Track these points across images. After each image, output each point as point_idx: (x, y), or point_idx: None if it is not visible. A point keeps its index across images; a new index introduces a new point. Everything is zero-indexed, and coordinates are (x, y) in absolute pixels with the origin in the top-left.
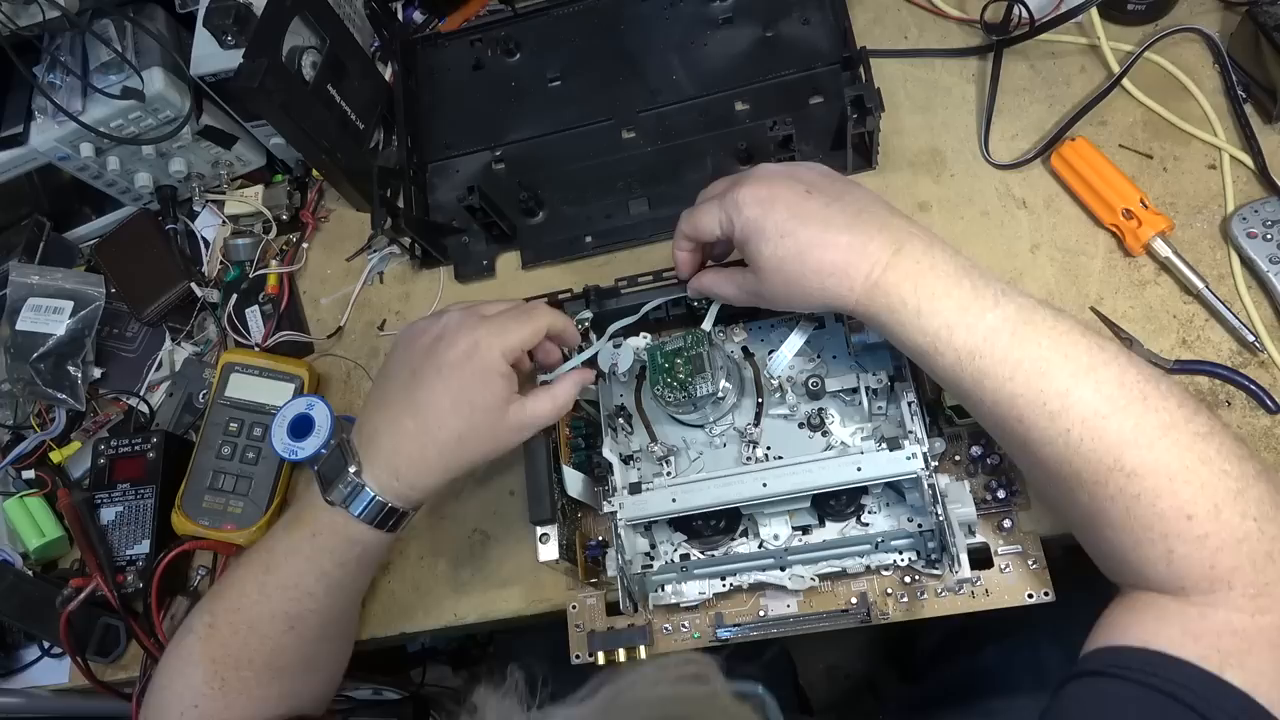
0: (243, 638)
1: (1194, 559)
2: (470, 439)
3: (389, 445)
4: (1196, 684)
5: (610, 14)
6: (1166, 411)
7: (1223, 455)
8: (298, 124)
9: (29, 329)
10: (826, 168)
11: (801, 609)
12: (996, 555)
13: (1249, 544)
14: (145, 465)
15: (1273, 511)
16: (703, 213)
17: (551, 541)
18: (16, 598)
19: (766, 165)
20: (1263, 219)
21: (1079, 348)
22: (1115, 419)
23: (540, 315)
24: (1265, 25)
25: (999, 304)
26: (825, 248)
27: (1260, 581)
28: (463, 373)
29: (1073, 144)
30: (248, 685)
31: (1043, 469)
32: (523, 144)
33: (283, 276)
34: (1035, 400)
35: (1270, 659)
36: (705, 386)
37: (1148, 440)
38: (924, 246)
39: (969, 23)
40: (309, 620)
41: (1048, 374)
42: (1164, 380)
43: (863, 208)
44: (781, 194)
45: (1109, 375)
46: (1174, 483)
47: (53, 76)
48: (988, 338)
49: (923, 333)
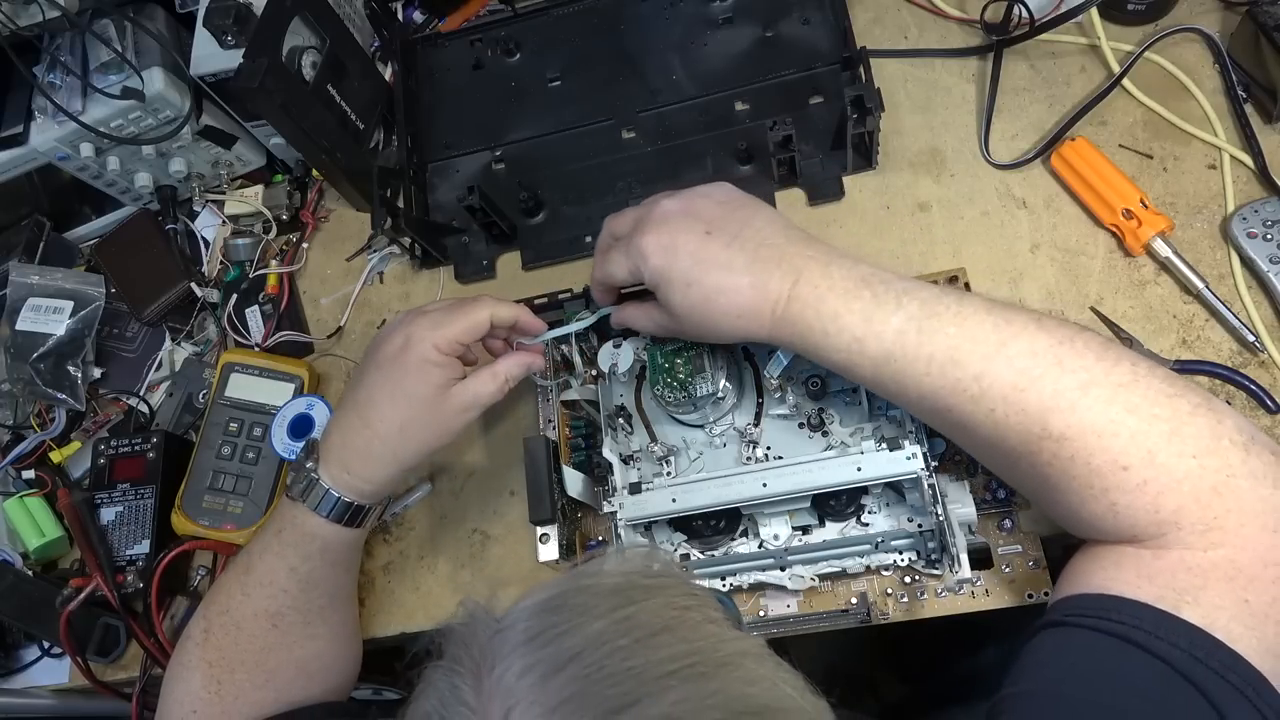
0: (233, 638)
1: (1137, 506)
2: (412, 428)
3: (338, 441)
4: (1148, 623)
5: (610, 14)
6: (1084, 370)
7: (1150, 399)
8: (298, 124)
9: (29, 329)
10: (726, 189)
11: (801, 609)
12: (996, 555)
13: (1190, 481)
14: (145, 465)
15: (1213, 444)
16: (611, 262)
17: (551, 541)
18: (16, 598)
19: (665, 204)
20: (1263, 219)
21: (985, 328)
22: (1033, 390)
23: (478, 309)
24: (1265, 25)
25: (901, 305)
26: (730, 293)
27: (1208, 516)
28: (396, 366)
29: (1073, 144)
30: (242, 689)
31: (982, 450)
32: (523, 144)
33: (283, 276)
34: (955, 389)
35: (1226, 592)
36: (705, 386)
37: (1068, 403)
38: (821, 269)
39: (969, 23)
40: (289, 618)
41: (960, 361)
42: (1080, 337)
43: (762, 240)
44: (682, 240)
45: (1020, 348)
46: (1102, 438)
47: (53, 76)
48: (896, 341)
49: (835, 350)
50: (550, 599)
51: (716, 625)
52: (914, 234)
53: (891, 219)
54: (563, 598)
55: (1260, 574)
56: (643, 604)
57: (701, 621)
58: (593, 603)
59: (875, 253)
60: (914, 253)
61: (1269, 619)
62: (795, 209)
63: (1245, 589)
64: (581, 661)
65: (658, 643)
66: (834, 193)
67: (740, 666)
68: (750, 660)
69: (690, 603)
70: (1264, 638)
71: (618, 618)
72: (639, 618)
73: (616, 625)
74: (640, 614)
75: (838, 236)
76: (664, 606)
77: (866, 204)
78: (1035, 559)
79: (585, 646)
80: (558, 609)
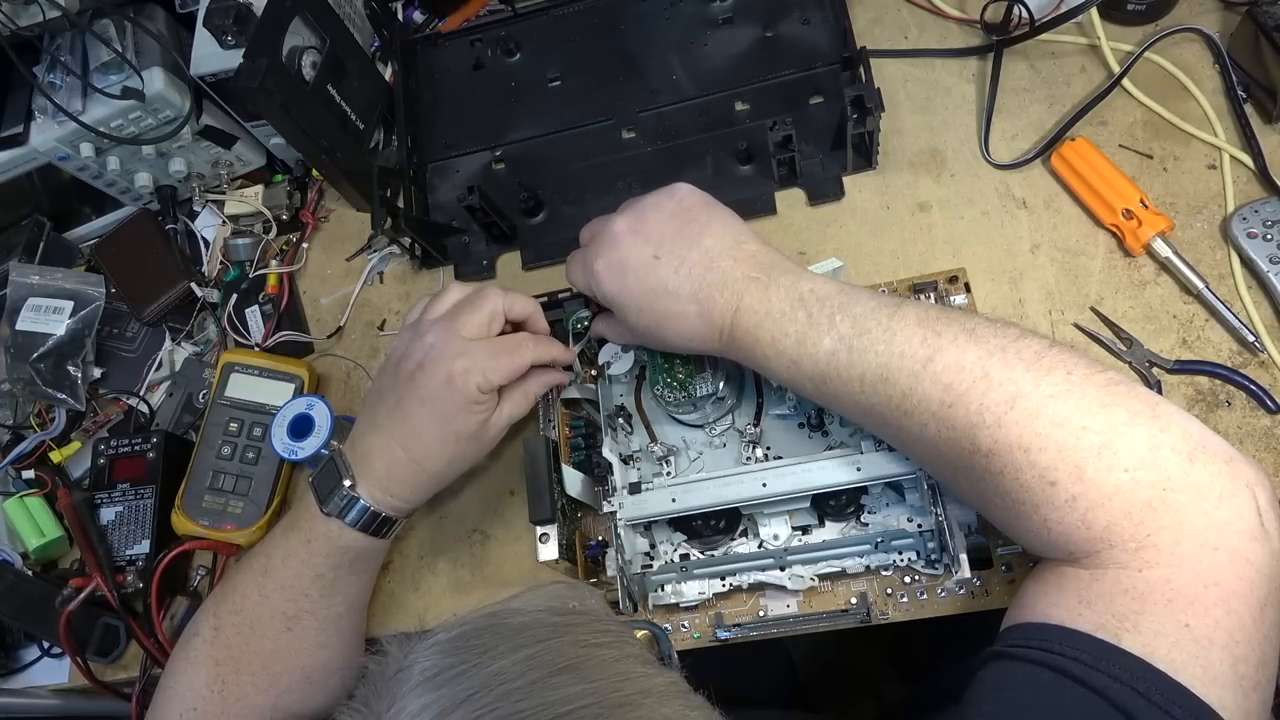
0: (245, 638)
1: (1068, 523)
2: (459, 459)
3: (382, 469)
4: (1087, 655)
5: (610, 14)
6: (1012, 383)
7: (1081, 410)
8: (298, 124)
9: (29, 329)
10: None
11: (801, 609)
12: (996, 555)
13: (1121, 497)
14: (145, 465)
15: (1149, 455)
16: (572, 272)
17: (551, 541)
18: (16, 598)
19: (616, 224)
20: (1263, 219)
21: (914, 343)
22: (959, 406)
23: (521, 353)
24: (1265, 25)
25: (834, 326)
26: (679, 319)
27: (1141, 534)
28: (444, 405)
29: (1073, 144)
30: (245, 691)
31: (924, 463)
32: (523, 144)
33: (283, 276)
34: (888, 406)
35: (1165, 616)
36: (705, 386)
37: (994, 418)
38: (760, 292)
39: (969, 23)
40: (305, 622)
41: (890, 379)
42: (1013, 345)
43: (710, 262)
44: (631, 264)
45: (946, 362)
46: (1029, 453)
47: (53, 76)
48: (829, 362)
49: (777, 372)
50: (455, 638)
51: (627, 663)
52: (914, 234)
53: (891, 219)
54: (466, 637)
55: (1200, 595)
56: (547, 643)
57: (611, 659)
58: (494, 642)
59: (875, 252)
60: (914, 253)
61: (1213, 645)
62: (795, 209)
63: (1185, 612)
64: (473, 704)
65: (554, 683)
66: (834, 193)
67: (640, 706)
68: (653, 699)
69: (602, 640)
70: (1208, 665)
71: (519, 658)
72: (541, 657)
73: (516, 665)
74: (543, 653)
75: (838, 236)
76: (570, 645)
77: (866, 204)
78: (1035, 559)
79: (480, 688)
80: (458, 649)
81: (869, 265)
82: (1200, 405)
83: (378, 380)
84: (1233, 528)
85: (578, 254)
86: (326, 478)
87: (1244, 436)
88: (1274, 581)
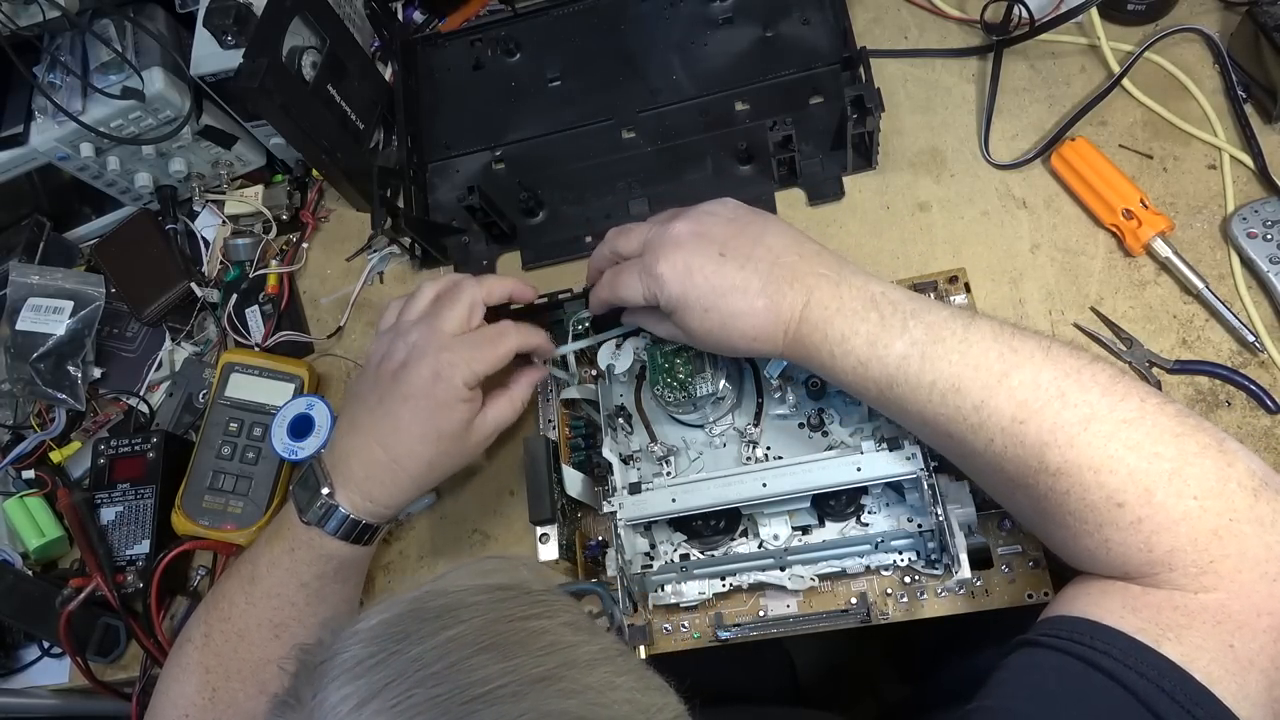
0: (233, 646)
1: (1130, 544)
2: (440, 461)
3: (361, 473)
4: (1119, 651)
5: (610, 14)
6: (1087, 405)
7: (1153, 438)
8: (298, 124)
9: (29, 329)
10: (731, 205)
11: (801, 609)
12: (996, 555)
13: (1188, 523)
14: (145, 465)
15: (1218, 486)
16: (624, 286)
17: (551, 541)
18: (16, 598)
19: (676, 226)
20: (1263, 219)
21: (990, 356)
22: (1032, 423)
23: (504, 341)
24: (1265, 25)
25: (907, 330)
26: (746, 316)
27: (1204, 560)
28: (427, 403)
29: (1073, 144)
30: (235, 699)
31: (981, 477)
32: (523, 144)
33: (283, 276)
34: (955, 417)
35: (1211, 634)
36: (705, 386)
37: (1067, 438)
38: (831, 289)
39: (969, 23)
40: (293, 629)
41: (962, 390)
42: (1088, 369)
43: (775, 258)
44: (697, 263)
45: (1022, 378)
46: (1099, 475)
47: (53, 76)
48: (900, 366)
49: (842, 372)
50: (375, 625)
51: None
52: (914, 234)
53: (891, 219)
54: (387, 624)
55: (1251, 622)
56: (469, 622)
57: (537, 632)
58: (414, 627)
59: (875, 252)
60: (914, 253)
61: (1253, 667)
62: (795, 209)
63: (1233, 634)
64: (390, 692)
65: (472, 665)
66: (834, 193)
67: (561, 679)
68: (577, 670)
69: (530, 612)
70: (1244, 685)
71: (438, 641)
72: (463, 638)
73: (434, 650)
74: (465, 633)
75: (838, 236)
76: (494, 622)
77: (866, 204)
78: (1035, 559)
79: (398, 675)
80: (378, 637)
81: (869, 265)
82: (1200, 405)
83: (356, 384)
84: None
85: (632, 264)
86: (304, 486)
87: (1244, 436)
88: None
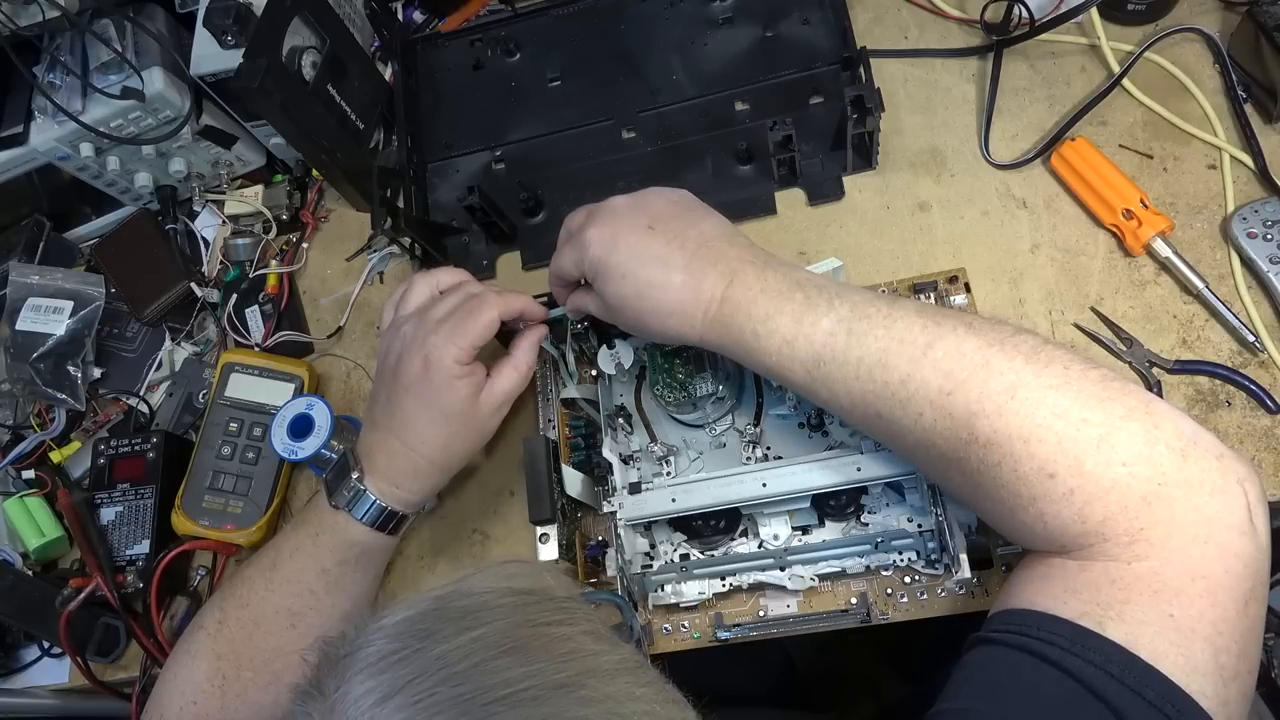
0: (248, 633)
1: (1063, 516)
2: (455, 442)
3: (384, 463)
4: (1065, 639)
5: (610, 14)
6: (1012, 372)
7: (1080, 403)
8: (298, 124)
9: (29, 329)
10: (681, 193)
11: (801, 609)
12: (996, 555)
13: (1118, 491)
14: (145, 465)
15: (1146, 450)
16: (561, 257)
17: (551, 541)
18: (16, 598)
19: (616, 200)
20: (1263, 219)
21: (914, 330)
22: (959, 393)
23: (485, 309)
24: (1265, 25)
25: (832, 308)
26: (662, 288)
27: (1135, 528)
28: (425, 387)
29: (1073, 144)
30: (245, 689)
31: (915, 456)
32: (523, 144)
33: (283, 276)
34: (883, 393)
35: (1150, 606)
36: (705, 386)
37: (995, 406)
38: (756, 272)
39: (969, 23)
40: (309, 620)
41: (888, 365)
42: (1012, 339)
43: (704, 241)
44: (624, 233)
45: (947, 349)
46: (1029, 445)
47: (53, 76)
48: (826, 343)
49: (766, 354)
50: (401, 621)
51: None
52: (914, 234)
53: (891, 219)
54: (412, 621)
55: (1186, 587)
56: (493, 624)
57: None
58: (439, 626)
59: (875, 253)
60: (914, 253)
61: (1196, 635)
62: (795, 209)
63: (1170, 603)
64: (414, 688)
65: (495, 667)
66: (834, 193)
67: (582, 686)
68: (598, 679)
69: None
70: (1190, 655)
71: (463, 641)
72: (487, 639)
73: (459, 649)
74: (489, 635)
75: (838, 236)
76: (518, 626)
77: (866, 204)
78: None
79: (421, 672)
80: (403, 634)
81: (869, 265)
82: (1200, 405)
83: (373, 386)
84: (1223, 522)
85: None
86: (337, 472)
87: (1244, 436)
88: (1259, 575)
